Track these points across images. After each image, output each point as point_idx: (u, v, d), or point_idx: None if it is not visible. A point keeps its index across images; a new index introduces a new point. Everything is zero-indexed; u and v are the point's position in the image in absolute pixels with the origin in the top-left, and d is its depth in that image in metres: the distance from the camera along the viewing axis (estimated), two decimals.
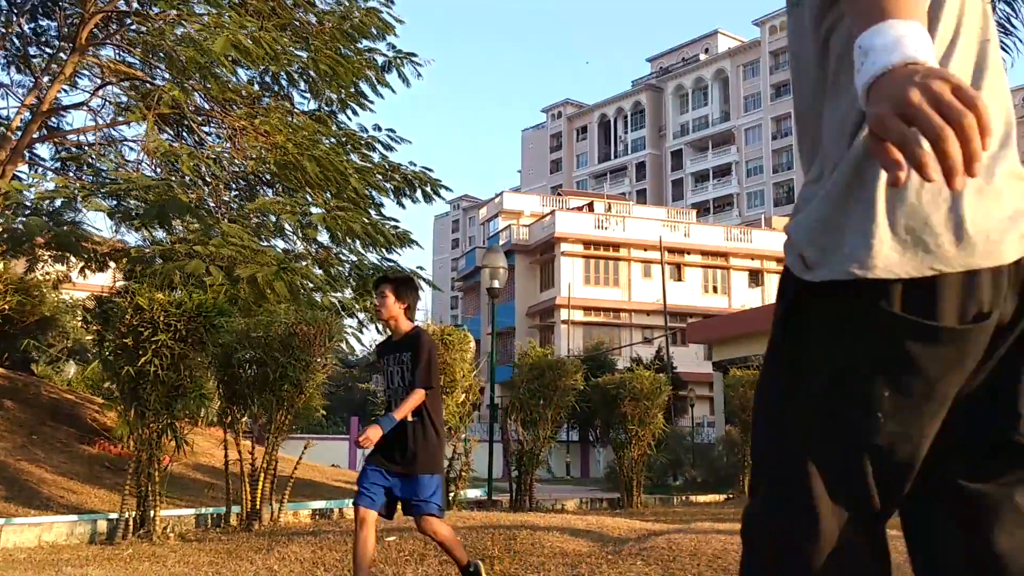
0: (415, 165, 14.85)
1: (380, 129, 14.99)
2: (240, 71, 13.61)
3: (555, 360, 11.77)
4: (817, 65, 1.44)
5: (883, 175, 1.23)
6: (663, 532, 6.56)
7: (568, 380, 11.61)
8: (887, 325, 1.27)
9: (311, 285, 11.75)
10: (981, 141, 1.00)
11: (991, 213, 1.27)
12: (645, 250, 44.85)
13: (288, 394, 7.83)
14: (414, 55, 15.04)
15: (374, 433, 4.40)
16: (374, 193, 14.52)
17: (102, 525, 7.36)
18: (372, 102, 15.14)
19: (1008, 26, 9.14)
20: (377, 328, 13.52)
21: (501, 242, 46.34)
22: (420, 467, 4.47)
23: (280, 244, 13.71)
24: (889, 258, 1.25)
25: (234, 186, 14.52)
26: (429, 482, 4.48)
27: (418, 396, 4.51)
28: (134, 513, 7.22)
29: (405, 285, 4.82)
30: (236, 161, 13.20)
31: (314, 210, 12.38)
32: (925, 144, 1.02)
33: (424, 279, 14.34)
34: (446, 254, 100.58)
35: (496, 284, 13.29)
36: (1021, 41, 9.15)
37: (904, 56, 1.07)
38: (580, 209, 48.42)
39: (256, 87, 14.72)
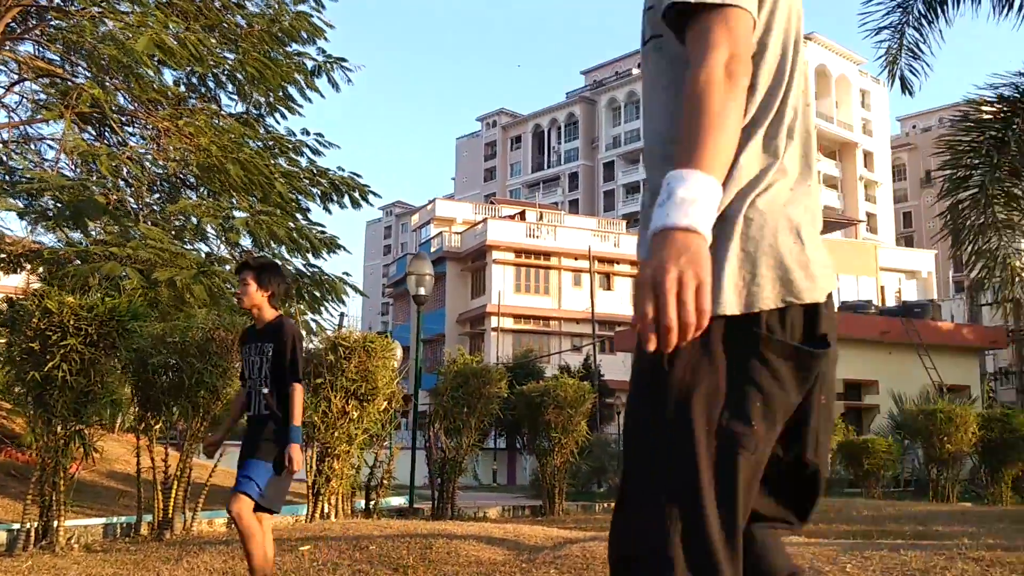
0: (343, 170, 14.79)
1: (308, 133, 14.89)
2: (166, 71, 13.38)
3: (480, 368, 11.77)
4: (663, 116, 1.62)
5: (746, 230, 1.50)
6: (579, 540, 6.61)
7: (492, 388, 11.62)
8: (761, 346, 1.48)
9: (232, 289, 11.58)
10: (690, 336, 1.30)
11: (821, 259, 1.56)
12: (576, 259, 45.19)
13: (204, 400, 7.69)
14: (344, 60, 15.00)
15: (297, 453, 4.35)
16: (300, 198, 14.39)
17: (1, 536, 7.12)
18: (301, 106, 15.04)
19: (916, 51, 9.56)
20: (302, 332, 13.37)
21: (433, 249, 46.25)
22: (259, 453, 4.35)
23: (204, 248, 13.51)
24: (760, 292, 1.48)
25: (157, 188, 14.24)
26: (258, 464, 4.33)
27: (299, 393, 4.40)
28: (36, 523, 6.98)
29: (268, 271, 4.55)
30: (159, 162, 12.95)
31: (237, 214, 12.21)
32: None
33: (351, 285, 14.25)
34: (378, 260, 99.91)
35: (422, 291, 13.26)
36: (928, 65, 9.59)
37: (689, 223, 1.31)
38: (512, 218, 48.62)
39: (182, 88, 14.48)
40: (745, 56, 1.47)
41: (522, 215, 49.41)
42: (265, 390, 4.45)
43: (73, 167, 12.66)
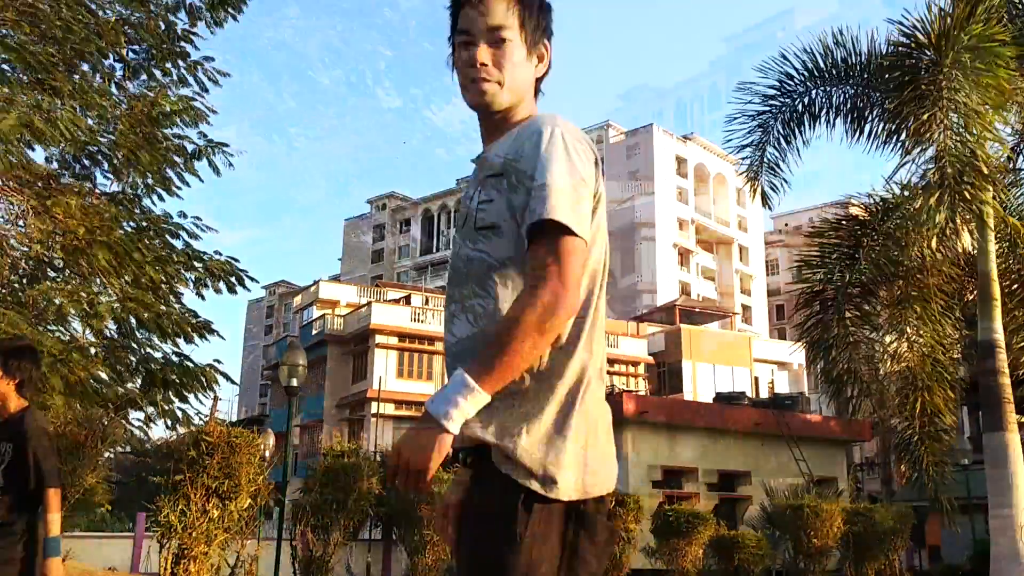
0: (220, 255, 14.48)
1: (186, 216, 14.57)
2: (39, 148, 12.95)
3: (351, 464, 11.56)
4: (509, 265, 1.82)
5: (579, 426, 1.78)
6: None
7: (365, 484, 11.43)
8: (589, 526, 1.77)
9: (92, 379, 11.09)
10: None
11: (613, 462, 1.86)
12: None
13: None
14: (226, 145, 14.78)
15: (57, 569, 3.77)
16: (175, 282, 14.00)
17: None
18: (180, 188, 14.74)
19: (776, 168, 10.18)
20: (166, 423, 12.87)
21: (315, 331, 45.55)
22: None
23: (66, 333, 12.91)
24: (589, 481, 1.77)
25: (20, 269, 13.64)
26: None
27: (55, 499, 3.81)
28: None
29: (17, 356, 4.02)
30: (22, 244, 12.43)
31: (103, 299, 11.76)
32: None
33: (222, 373, 13.80)
34: (259, 340, 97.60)
35: (295, 382, 12.99)
36: (787, 181, 10.24)
37: (445, 419, 1.67)
38: (397, 302, 48.43)
39: (54, 164, 14.04)
40: (573, 290, 1.71)
41: (407, 299, 49.32)
42: None
43: None
